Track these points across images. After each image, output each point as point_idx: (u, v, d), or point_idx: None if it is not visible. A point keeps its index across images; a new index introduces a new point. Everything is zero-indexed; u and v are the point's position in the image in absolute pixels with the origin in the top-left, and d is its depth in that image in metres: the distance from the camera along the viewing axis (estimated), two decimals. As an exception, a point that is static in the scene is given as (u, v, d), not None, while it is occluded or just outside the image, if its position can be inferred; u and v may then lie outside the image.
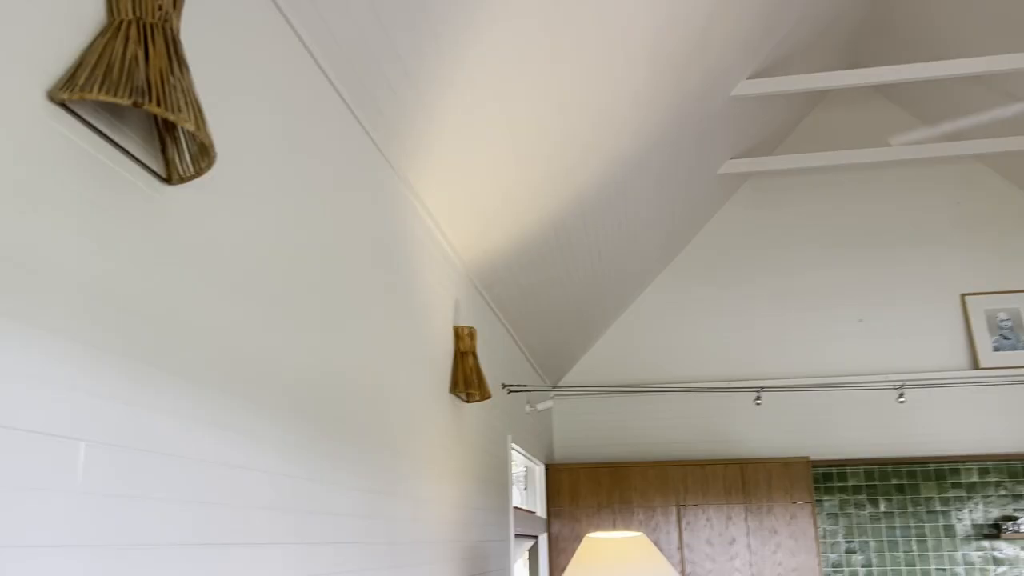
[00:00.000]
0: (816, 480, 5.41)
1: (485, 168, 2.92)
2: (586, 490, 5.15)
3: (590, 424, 5.80)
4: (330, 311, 1.93)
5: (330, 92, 2.02)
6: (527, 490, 5.14)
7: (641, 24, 3.00)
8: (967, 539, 5.22)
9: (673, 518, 4.98)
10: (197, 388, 1.35)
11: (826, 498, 5.39)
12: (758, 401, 5.53)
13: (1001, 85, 4.86)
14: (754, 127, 5.14)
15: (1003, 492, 5.27)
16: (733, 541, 4.87)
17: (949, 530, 5.25)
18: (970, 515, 5.25)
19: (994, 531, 5.18)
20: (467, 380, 3.00)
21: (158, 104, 1.10)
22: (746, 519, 4.90)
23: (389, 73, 2.15)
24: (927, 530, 5.27)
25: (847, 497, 5.38)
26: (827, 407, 5.57)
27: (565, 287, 4.48)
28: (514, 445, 4.27)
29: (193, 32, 1.40)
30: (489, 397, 3.13)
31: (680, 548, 4.91)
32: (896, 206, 5.87)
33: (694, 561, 4.87)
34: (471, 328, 3.09)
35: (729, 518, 4.92)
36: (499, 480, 3.90)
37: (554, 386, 5.69)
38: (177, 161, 1.32)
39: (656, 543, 4.95)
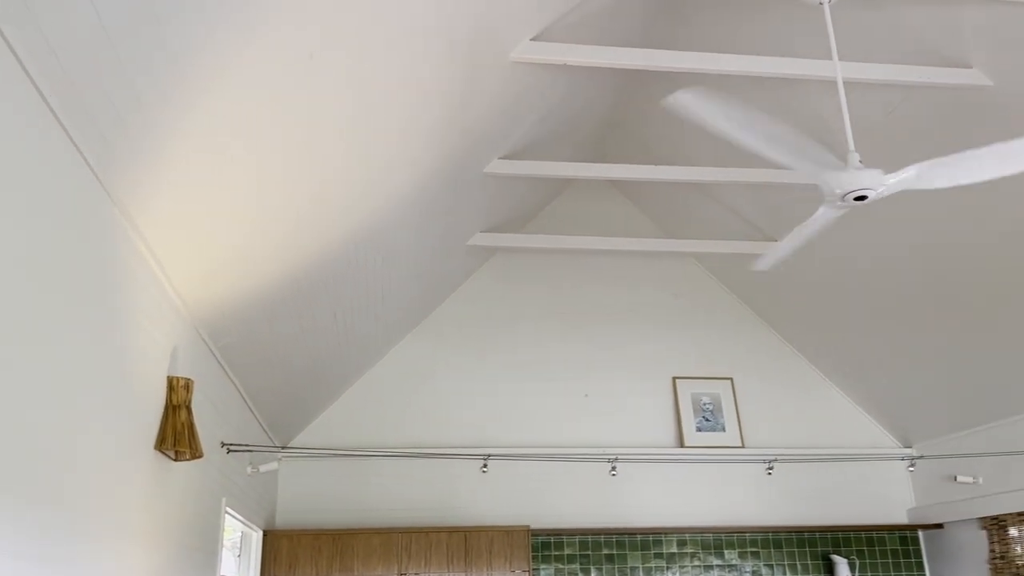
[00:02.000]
0: (535, 549, 5.58)
1: (225, 211, 2.76)
2: (306, 558, 4.91)
3: (318, 488, 5.58)
4: None
5: (40, 105, 1.81)
6: (241, 557, 4.80)
7: (401, 93, 3.04)
8: (664, 606, 5.61)
9: (394, 588, 4.87)
10: None
11: (543, 567, 5.56)
12: (484, 469, 5.64)
13: (722, 196, 5.50)
14: (505, 204, 5.37)
15: (697, 563, 5.75)
16: (451, 611, 4.85)
17: (650, 598, 5.61)
18: (668, 584, 5.66)
19: (687, 599, 5.62)
20: (177, 436, 2.76)
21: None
22: (466, 588, 4.92)
23: (114, 95, 1.98)
24: (631, 598, 5.60)
25: (562, 566, 5.60)
26: (549, 477, 5.80)
27: (302, 344, 4.32)
28: (229, 509, 3.98)
29: None
30: (201, 456, 2.90)
31: (398, 619, 4.80)
32: (626, 292, 6.37)
33: (411, 632, 4.78)
34: (188, 380, 2.86)
35: (449, 587, 4.91)
36: (207, 547, 3.60)
37: (283, 447, 5.43)
38: None
39: (374, 614, 4.81)
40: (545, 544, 5.61)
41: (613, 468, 5.78)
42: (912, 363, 5.52)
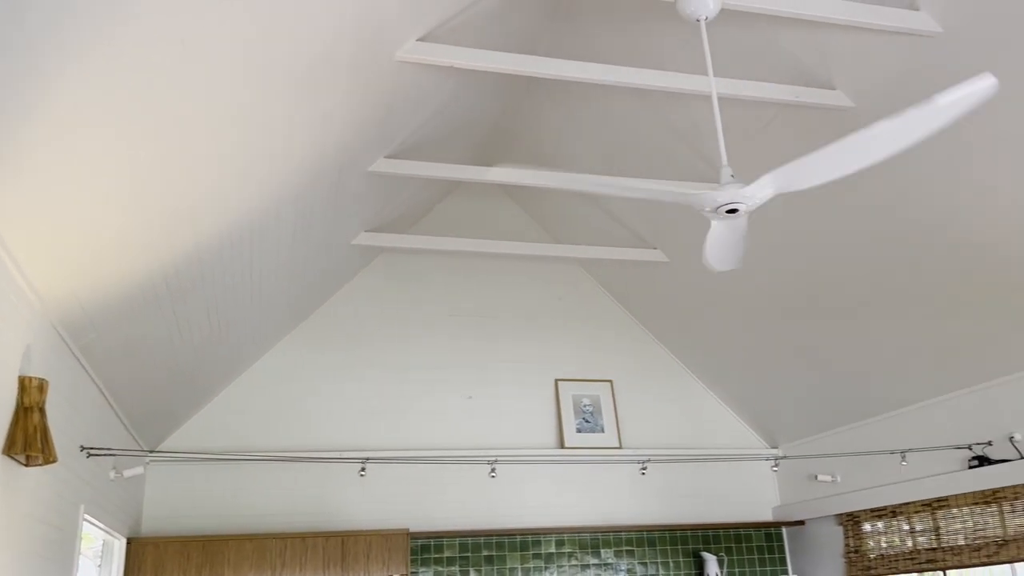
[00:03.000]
0: (415, 552, 5.54)
1: (88, 202, 2.61)
2: (173, 566, 4.70)
3: (188, 494, 5.36)
4: None
5: None
6: (102, 566, 4.55)
7: (281, 84, 2.96)
8: (542, 606, 5.69)
9: (267, 595, 4.73)
10: None
11: (422, 570, 5.53)
12: (362, 473, 5.56)
13: (607, 204, 5.62)
14: (392, 204, 5.32)
15: (575, 562, 5.86)
16: (326, 617, 4.76)
17: (528, 598, 5.67)
18: (546, 584, 5.74)
19: (564, 598, 5.72)
20: (28, 440, 2.59)
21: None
22: (342, 594, 4.83)
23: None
24: (509, 599, 5.64)
25: (442, 568, 5.58)
26: (430, 480, 5.78)
27: (173, 343, 4.14)
28: (88, 516, 3.77)
29: None
30: (55, 460, 2.73)
31: (271, 627, 4.67)
32: (511, 295, 6.42)
33: (284, 640, 4.66)
34: (42, 380, 2.69)
35: (325, 593, 4.81)
36: (63, 557, 3.40)
37: (150, 451, 5.19)
38: None
39: (245, 623, 4.65)
40: (425, 547, 5.58)
41: (493, 470, 5.81)
42: (777, 368, 5.80)
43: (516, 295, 6.45)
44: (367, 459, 5.50)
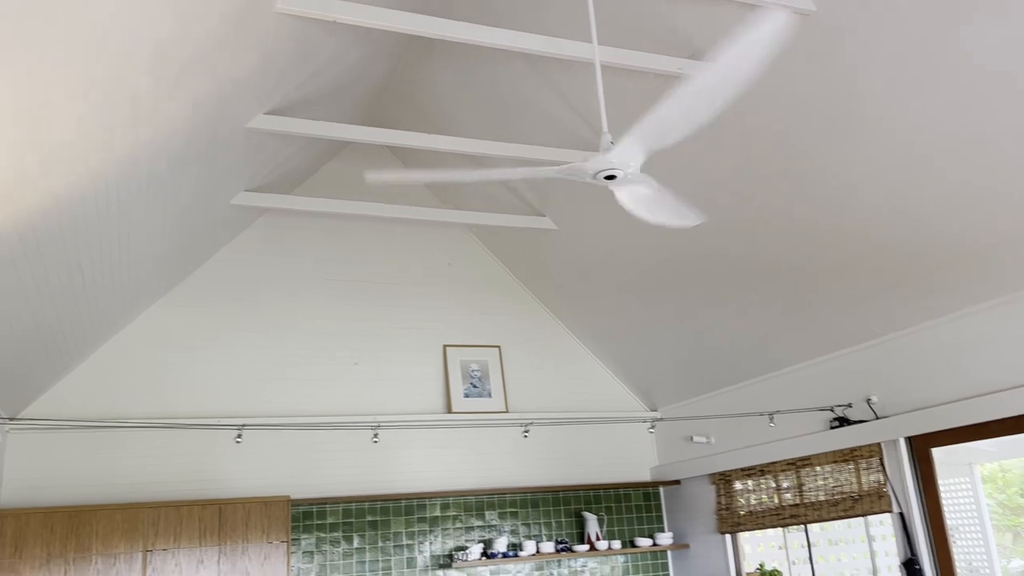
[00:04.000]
0: (296, 519, 5.46)
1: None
2: (35, 538, 4.47)
3: (54, 463, 5.09)
4: None
5: None
6: (-45, 542, 4.28)
7: (150, 31, 2.78)
8: (425, 569, 5.73)
9: (138, 565, 4.57)
10: None
11: (304, 536, 5.47)
12: (238, 440, 5.42)
13: (489, 163, 5.61)
14: (273, 163, 5.14)
15: (459, 525, 5.92)
16: (201, 586, 4.65)
17: (411, 562, 5.70)
18: (430, 547, 5.78)
19: (448, 561, 5.78)
20: None
21: None
22: (219, 562, 4.72)
23: None
24: (392, 563, 5.65)
25: (324, 535, 5.53)
26: (314, 446, 5.69)
27: (33, 304, 3.90)
28: (-65, 488, 3.52)
29: None
30: None
31: (142, 598, 4.52)
32: (399, 260, 6.35)
33: (156, 611, 4.53)
34: None
35: (201, 562, 4.69)
36: (-96, 531, 3.17)
37: (10, 419, 4.90)
38: None
39: (115, 595, 4.49)
40: (307, 513, 5.51)
41: (376, 435, 5.77)
42: (657, 334, 5.99)
43: (405, 261, 6.38)
44: (243, 425, 5.36)
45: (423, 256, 6.44)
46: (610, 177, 2.94)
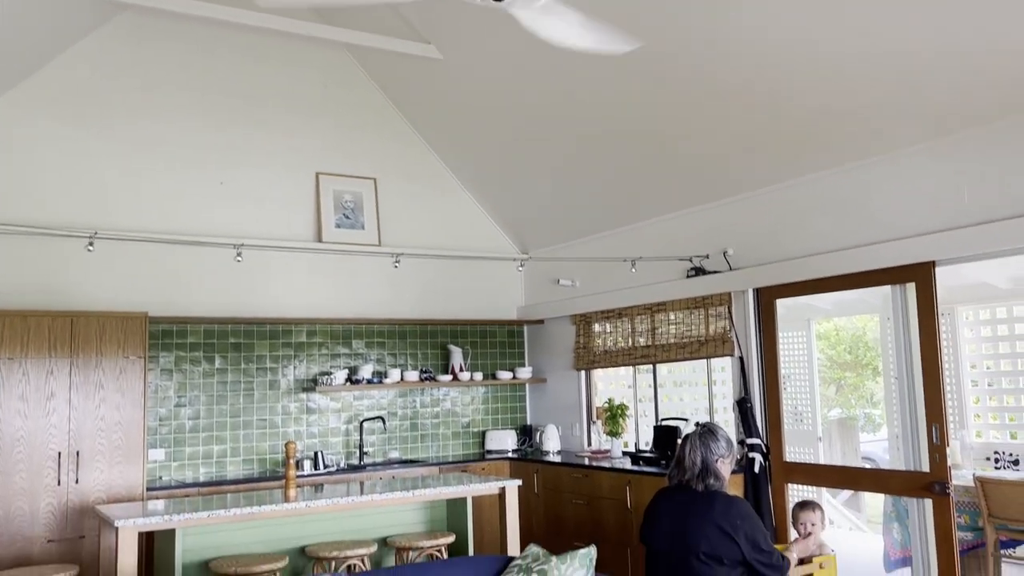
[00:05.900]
0: (155, 336, 5.35)
1: None
2: None
3: None
4: None
5: None
6: None
7: None
8: (289, 392, 5.80)
9: (-19, 374, 4.40)
10: None
11: (163, 354, 5.39)
12: (89, 248, 5.13)
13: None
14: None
15: (325, 351, 5.97)
16: (52, 396, 4.53)
17: (275, 384, 5.75)
18: (294, 371, 5.84)
19: (312, 385, 5.86)
20: None
21: None
22: (71, 373, 4.60)
23: None
24: (255, 384, 5.69)
25: (184, 354, 5.47)
26: (175, 265, 5.51)
27: None
28: None
29: None
30: None
31: (-13, 406, 4.38)
32: (272, 76, 5.98)
33: (2, 419, 4.41)
34: None
35: (51, 372, 4.55)
36: None
37: None
38: None
39: (-44, 402, 4.32)
40: (167, 332, 5.41)
41: (239, 254, 5.59)
42: (533, 179, 6.02)
43: (280, 79, 6.02)
44: (95, 234, 5.07)
45: (297, 73, 6.10)
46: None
